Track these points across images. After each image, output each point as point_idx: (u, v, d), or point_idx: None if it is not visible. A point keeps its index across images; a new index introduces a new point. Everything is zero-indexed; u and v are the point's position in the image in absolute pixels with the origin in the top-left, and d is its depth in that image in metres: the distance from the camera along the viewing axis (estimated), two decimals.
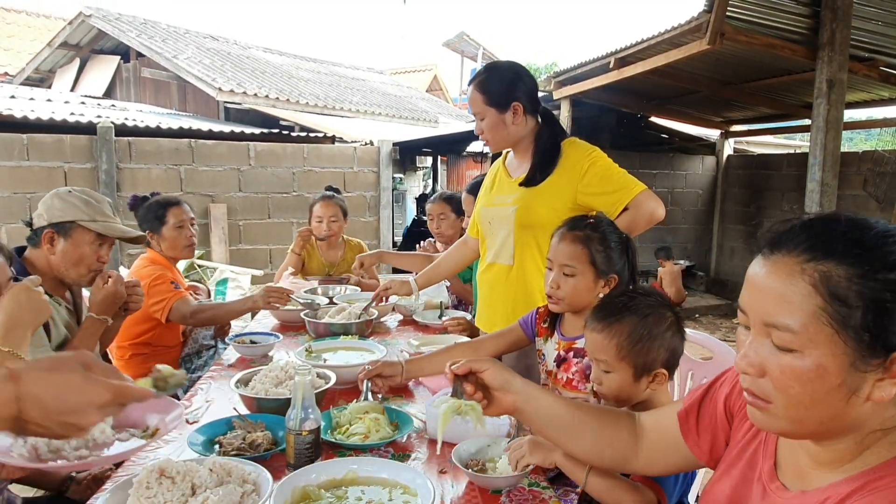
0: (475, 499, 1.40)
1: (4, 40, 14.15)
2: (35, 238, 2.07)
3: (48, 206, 2.07)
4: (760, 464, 1.00)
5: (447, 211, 3.53)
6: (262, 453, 1.53)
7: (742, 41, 5.15)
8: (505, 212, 2.29)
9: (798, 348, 0.80)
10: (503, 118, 2.24)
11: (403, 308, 3.05)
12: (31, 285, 1.66)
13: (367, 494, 1.29)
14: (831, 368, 0.79)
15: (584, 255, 1.77)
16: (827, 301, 0.78)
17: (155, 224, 2.83)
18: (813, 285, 0.79)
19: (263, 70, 12.60)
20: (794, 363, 0.81)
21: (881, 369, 0.78)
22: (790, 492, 0.92)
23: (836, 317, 0.78)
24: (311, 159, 7.35)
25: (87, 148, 6.22)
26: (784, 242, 0.83)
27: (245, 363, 2.32)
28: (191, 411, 1.86)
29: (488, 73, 2.30)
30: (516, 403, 1.21)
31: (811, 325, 0.79)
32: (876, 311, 0.76)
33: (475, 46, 19.19)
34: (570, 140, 2.28)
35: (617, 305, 1.54)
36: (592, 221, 1.82)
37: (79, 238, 2.06)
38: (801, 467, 0.93)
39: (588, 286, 1.78)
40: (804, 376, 0.80)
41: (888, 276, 0.76)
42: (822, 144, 5.17)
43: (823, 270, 0.79)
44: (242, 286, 5.68)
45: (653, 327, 1.45)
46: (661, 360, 1.43)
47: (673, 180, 9.13)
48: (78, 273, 2.08)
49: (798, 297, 0.80)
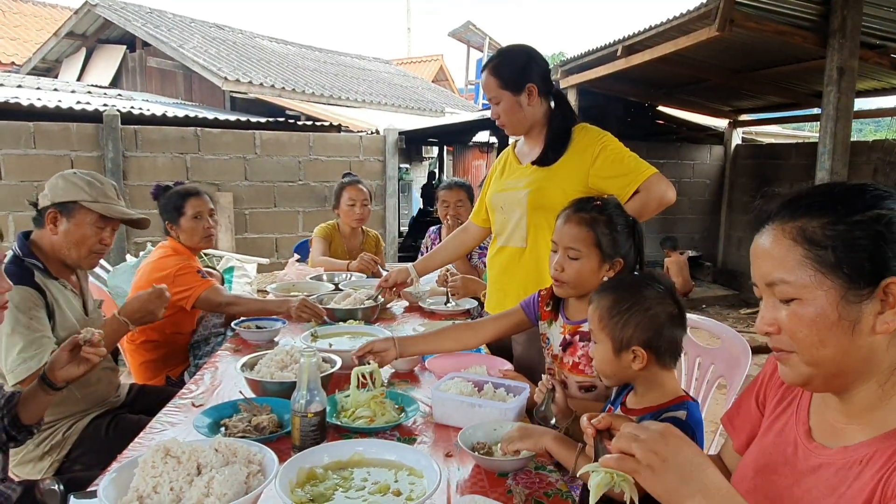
0: (481, 481, 1.39)
1: (11, 30, 14.17)
2: (40, 219, 2.06)
3: (52, 187, 2.06)
4: (793, 430, 1.05)
5: (464, 197, 3.53)
6: (267, 436, 1.53)
7: (752, 28, 5.08)
8: (517, 195, 2.29)
9: (796, 296, 0.92)
10: (518, 100, 2.23)
11: (409, 294, 3.04)
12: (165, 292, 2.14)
13: (372, 476, 1.28)
14: (826, 306, 0.89)
15: (589, 237, 1.74)
16: (806, 249, 0.91)
17: (173, 214, 2.81)
18: (794, 239, 0.92)
19: (269, 60, 12.58)
20: (797, 310, 0.92)
21: (877, 301, 0.88)
22: (830, 449, 0.96)
23: (818, 259, 0.90)
24: (316, 148, 7.34)
25: (94, 136, 6.22)
26: (769, 215, 0.98)
27: (251, 348, 2.32)
28: (197, 395, 1.86)
29: (501, 56, 2.29)
30: None
31: (800, 273, 0.91)
32: (847, 247, 0.88)
33: (481, 36, 19.08)
34: (582, 125, 2.29)
35: (614, 281, 1.55)
36: (599, 203, 1.80)
37: (80, 218, 2.04)
38: (834, 426, 0.98)
39: (593, 269, 1.75)
40: (807, 319, 0.91)
41: (853, 218, 0.89)
42: (832, 133, 5.12)
43: (799, 226, 0.92)
44: (248, 274, 5.69)
45: (636, 304, 1.41)
46: (639, 338, 1.39)
47: (680, 170, 9.06)
48: (79, 254, 2.07)
49: (785, 252, 0.93)
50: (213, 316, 2.96)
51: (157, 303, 2.12)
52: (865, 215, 0.89)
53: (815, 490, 0.95)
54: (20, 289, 1.88)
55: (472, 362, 2.01)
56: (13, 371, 1.86)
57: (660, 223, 8.74)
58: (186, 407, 1.78)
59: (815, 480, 0.96)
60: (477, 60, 19.35)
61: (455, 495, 1.32)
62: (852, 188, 0.93)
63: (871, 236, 0.88)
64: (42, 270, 2.02)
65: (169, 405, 1.79)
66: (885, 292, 0.87)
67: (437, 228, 3.79)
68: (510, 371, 1.98)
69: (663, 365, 1.42)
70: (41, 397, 1.61)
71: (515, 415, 1.64)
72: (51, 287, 2.02)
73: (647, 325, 1.40)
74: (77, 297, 2.14)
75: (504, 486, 1.37)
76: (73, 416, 2.05)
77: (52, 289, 2.02)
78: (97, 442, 2.05)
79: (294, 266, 3.50)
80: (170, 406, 1.78)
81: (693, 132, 9.52)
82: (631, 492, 1.04)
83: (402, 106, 13.28)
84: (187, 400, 1.83)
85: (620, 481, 0.98)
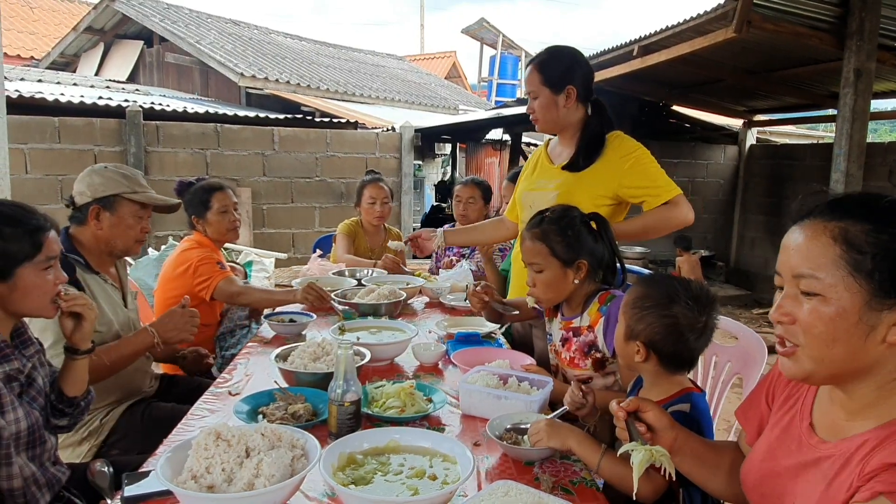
0: (509, 469, 1.46)
1: (31, 24, 14.35)
2: (80, 215, 2.15)
3: (89, 184, 2.15)
4: (797, 425, 1.10)
5: (477, 196, 3.59)
6: (304, 423, 1.60)
7: (769, 29, 5.11)
8: (546, 196, 2.35)
9: (821, 292, 0.95)
10: (556, 99, 2.30)
11: (430, 291, 3.12)
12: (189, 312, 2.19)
13: (408, 461, 1.35)
14: (849, 308, 0.93)
15: (544, 250, 1.89)
16: (844, 250, 0.94)
17: (200, 209, 2.91)
18: (833, 238, 0.95)
19: (284, 56, 12.68)
20: (819, 306, 0.95)
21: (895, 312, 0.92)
22: (829, 442, 1.02)
23: (852, 262, 0.93)
24: (333, 145, 7.43)
25: (117, 131, 6.34)
26: (811, 211, 1.00)
27: (280, 340, 2.40)
28: (232, 384, 1.95)
29: (549, 54, 2.36)
30: (674, 444, 1.24)
31: (832, 271, 0.94)
32: (884, 257, 0.92)
33: (495, 33, 19.09)
34: (616, 133, 2.33)
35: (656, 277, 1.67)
36: (548, 215, 1.93)
37: (123, 210, 2.16)
38: (835, 421, 1.04)
39: (558, 277, 1.89)
40: (827, 316, 0.94)
41: (893, 230, 0.92)
42: (848, 135, 5.15)
43: (842, 226, 0.95)
44: (266, 269, 5.78)
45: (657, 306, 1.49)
46: (646, 336, 1.48)
47: (694, 169, 9.08)
48: (126, 244, 2.18)
49: (821, 249, 0.96)
50: (238, 309, 3.05)
51: (189, 321, 2.17)
52: None
53: (813, 481, 1.00)
54: None
55: (494, 356, 2.08)
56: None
57: None
58: (223, 395, 1.86)
59: (815, 473, 1.01)
60: (490, 58, 19.36)
61: (485, 482, 1.38)
62: (894, 202, 0.96)
63: None
64: (83, 265, 2.11)
65: (207, 393, 1.87)
66: None
67: (450, 227, 3.85)
68: (532, 365, 2.05)
69: (666, 367, 1.49)
70: (72, 366, 1.68)
71: (539, 407, 1.70)
72: (90, 282, 2.11)
73: (658, 328, 1.47)
74: (117, 290, 2.24)
75: (531, 473, 1.44)
76: (109, 405, 2.14)
77: (91, 284, 2.11)
78: (132, 428, 2.14)
79: (316, 261, 3.58)
80: (208, 394, 1.87)
81: (707, 132, 9.52)
82: (669, 466, 1.11)
83: (416, 102, 13.34)
84: (223, 389, 1.91)
85: (660, 456, 1.05)
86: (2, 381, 1.47)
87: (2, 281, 1.48)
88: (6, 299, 1.50)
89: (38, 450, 1.57)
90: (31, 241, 1.52)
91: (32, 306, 1.55)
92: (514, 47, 19.28)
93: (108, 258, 2.21)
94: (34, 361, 1.62)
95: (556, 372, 2.06)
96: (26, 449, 1.53)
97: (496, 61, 18.61)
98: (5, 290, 1.49)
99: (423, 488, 1.24)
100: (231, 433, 1.26)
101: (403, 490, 1.24)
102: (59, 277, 1.59)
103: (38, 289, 1.53)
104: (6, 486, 1.47)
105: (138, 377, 2.28)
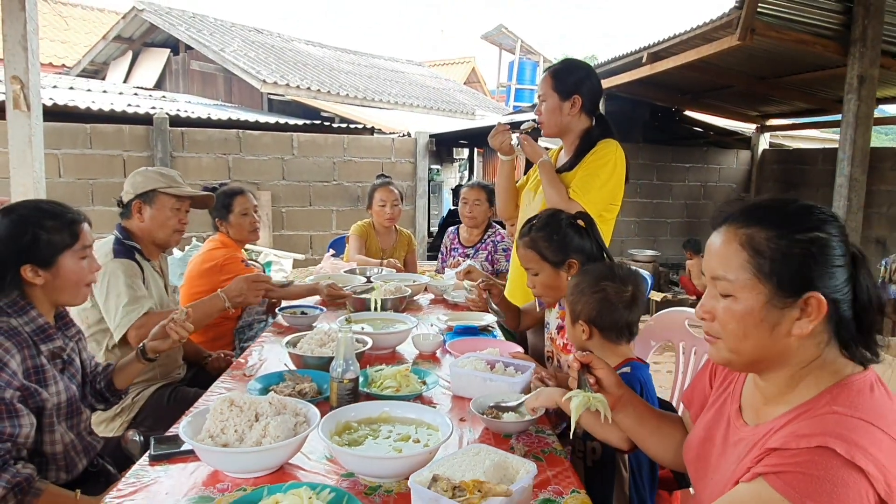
0: (489, 440, 1.64)
1: (61, 33, 14.85)
2: (126, 211, 2.45)
3: (132, 183, 2.46)
4: (728, 407, 1.23)
5: (482, 198, 3.77)
6: (309, 400, 1.80)
7: (773, 37, 5.22)
8: (538, 197, 2.57)
9: (732, 293, 1.07)
10: (561, 105, 2.49)
11: (435, 288, 3.31)
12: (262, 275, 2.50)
13: (396, 429, 1.54)
14: (755, 307, 1.05)
15: (534, 256, 2.09)
16: (750, 255, 1.05)
17: (223, 212, 3.17)
18: (741, 244, 1.06)
19: (305, 62, 12.98)
20: (731, 305, 1.08)
21: (797, 309, 1.03)
22: (749, 426, 1.15)
23: (757, 266, 1.04)
24: (350, 150, 7.67)
25: (144, 137, 6.64)
26: (727, 218, 1.12)
27: (293, 331, 2.60)
28: (248, 368, 2.16)
29: (563, 64, 2.60)
30: (619, 403, 1.39)
31: (740, 274, 1.06)
32: (783, 261, 1.03)
33: (513, 39, 19.25)
34: (607, 141, 2.50)
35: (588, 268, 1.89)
36: (535, 223, 2.13)
37: (161, 203, 2.44)
38: (756, 405, 1.16)
39: (552, 278, 2.09)
40: (738, 314, 1.07)
41: (795, 236, 1.03)
42: (852, 140, 5.23)
43: (749, 233, 1.06)
44: (284, 269, 6.02)
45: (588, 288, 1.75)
46: (585, 315, 1.74)
47: (706, 174, 9.16)
48: (166, 234, 2.47)
49: (732, 254, 1.07)
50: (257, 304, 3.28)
51: (252, 287, 2.47)
52: (806, 235, 1.02)
53: (732, 461, 1.12)
54: (126, 261, 2.32)
55: (486, 346, 2.26)
56: (119, 323, 2.24)
57: (684, 226, 8.86)
58: (239, 377, 2.07)
59: (735, 453, 1.13)
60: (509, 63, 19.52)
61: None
62: (801, 208, 1.07)
63: (805, 255, 1.02)
64: (139, 252, 2.42)
65: (224, 375, 2.09)
66: (805, 304, 1.02)
67: (455, 229, 4.03)
68: (518, 353, 2.23)
69: (609, 339, 1.74)
70: (135, 366, 1.97)
71: (521, 388, 1.88)
72: (144, 267, 2.42)
73: (593, 304, 1.72)
74: (161, 278, 2.52)
75: (508, 444, 1.62)
76: (142, 384, 2.38)
77: (145, 269, 2.42)
78: (159, 409, 2.36)
79: (329, 260, 3.79)
80: (225, 376, 2.08)
81: (720, 136, 9.60)
82: (606, 411, 1.30)
83: (434, 108, 13.57)
84: (240, 372, 2.12)
85: (596, 402, 1.23)
86: (46, 358, 1.69)
87: (46, 268, 1.70)
88: (50, 286, 1.71)
89: (75, 420, 1.78)
90: (69, 232, 1.74)
91: (71, 292, 1.77)
92: (532, 52, 19.43)
93: (154, 249, 2.49)
94: (75, 342, 1.84)
95: (551, 359, 2.24)
96: (66, 419, 1.75)
97: (514, 66, 18.77)
98: (49, 277, 1.70)
99: (406, 449, 1.43)
100: (243, 400, 1.47)
101: (390, 450, 1.43)
102: (92, 266, 1.80)
103: (75, 275, 1.75)
104: (50, 450, 1.69)
105: (171, 362, 2.53)
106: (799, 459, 0.94)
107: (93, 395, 1.91)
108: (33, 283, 1.69)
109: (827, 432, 0.95)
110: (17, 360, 1.60)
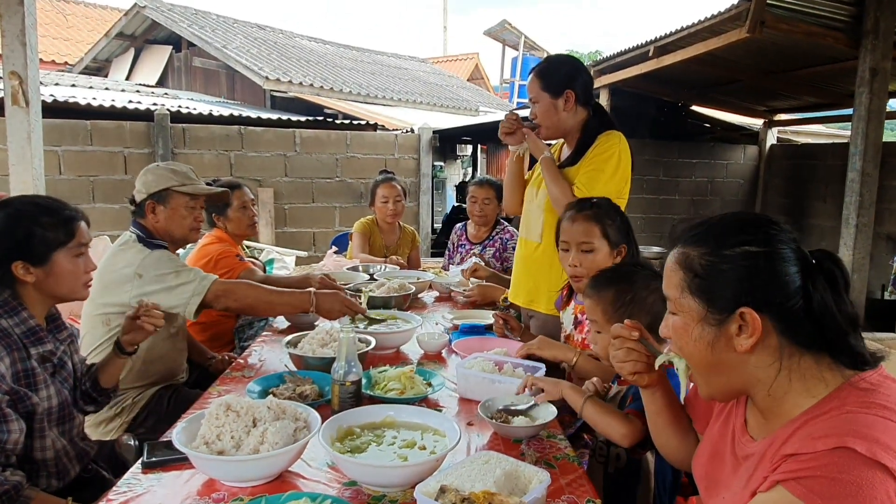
0: (498, 446, 1.57)
1: (65, 31, 14.80)
2: (139, 211, 2.36)
3: (144, 182, 2.35)
4: (733, 421, 1.18)
5: (492, 196, 3.70)
6: (310, 403, 1.73)
7: (783, 29, 5.12)
8: (542, 192, 2.48)
9: (676, 311, 1.11)
10: (555, 104, 2.41)
11: (439, 286, 3.24)
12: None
13: (401, 435, 1.47)
14: (690, 323, 1.07)
15: (597, 230, 2.00)
16: (685, 273, 1.08)
17: (221, 206, 3.08)
18: (678, 263, 1.09)
19: (308, 59, 12.90)
20: (675, 322, 1.11)
21: (735, 325, 1.01)
22: (756, 441, 1.10)
23: (690, 283, 1.07)
24: (353, 146, 7.59)
25: (145, 134, 6.57)
26: (676, 239, 1.14)
27: (293, 330, 2.53)
28: (247, 369, 2.09)
29: (548, 62, 2.51)
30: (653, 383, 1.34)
31: (679, 293, 1.09)
32: (713, 277, 1.04)
33: (517, 35, 19.13)
34: (609, 133, 2.41)
35: (607, 275, 1.76)
36: (596, 201, 2.05)
37: (175, 202, 2.35)
38: (758, 420, 1.12)
39: (605, 258, 2.00)
40: (679, 331, 1.10)
41: (723, 252, 1.03)
42: (864, 134, 5.14)
43: (685, 252, 1.09)
44: (287, 266, 5.95)
45: (636, 295, 1.63)
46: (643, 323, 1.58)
47: (713, 170, 9.05)
48: (182, 232, 2.38)
49: (671, 273, 1.11)
50: None
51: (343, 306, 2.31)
52: (735, 251, 1.02)
53: (743, 476, 1.08)
54: (164, 251, 2.28)
55: (494, 345, 2.19)
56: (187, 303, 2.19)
57: None
58: (238, 378, 2.00)
59: (746, 468, 1.08)
60: (512, 59, 19.41)
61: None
62: (733, 223, 1.07)
63: (735, 269, 1.01)
64: (165, 249, 2.33)
65: (223, 376, 2.02)
66: (742, 318, 1.00)
67: (462, 225, 3.96)
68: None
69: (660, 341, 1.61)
70: (115, 362, 1.88)
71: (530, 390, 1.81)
72: None
73: (648, 311, 1.59)
74: None
75: (518, 450, 1.55)
76: (143, 386, 2.31)
77: None
78: (159, 410, 2.29)
79: (332, 257, 3.72)
80: (224, 377, 2.01)
81: (727, 132, 9.49)
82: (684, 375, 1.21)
83: (438, 104, 13.47)
84: (239, 373, 2.05)
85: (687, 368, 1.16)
86: (36, 361, 1.63)
87: (39, 265, 1.63)
88: (42, 283, 1.65)
89: (67, 425, 1.72)
90: (65, 230, 1.68)
91: (66, 289, 1.71)
92: (536, 48, 19.31)
93: (171, 246, 2.40)
94: (66, 345, 1.78)
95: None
96: (57, 424, 1.68)
97: (518, 62, 18.65)
98: (42, 274, 1.64)
99: (412, 457, 1.36)
100: (240, 405, 1.40)
101: (395, 458, 1.36)
102: (88, 265, 1.74)
103: (70, 273, 1.69)
104: (40, 456, 1.63)
105: (175, 365, 2.46)
106: (818, 462, 0.90)
107: (81, 396, 1.84)
108: (25, 281, 1.63)
109: (844, 432, 0.91)
110: (6, 363, 1.53)
